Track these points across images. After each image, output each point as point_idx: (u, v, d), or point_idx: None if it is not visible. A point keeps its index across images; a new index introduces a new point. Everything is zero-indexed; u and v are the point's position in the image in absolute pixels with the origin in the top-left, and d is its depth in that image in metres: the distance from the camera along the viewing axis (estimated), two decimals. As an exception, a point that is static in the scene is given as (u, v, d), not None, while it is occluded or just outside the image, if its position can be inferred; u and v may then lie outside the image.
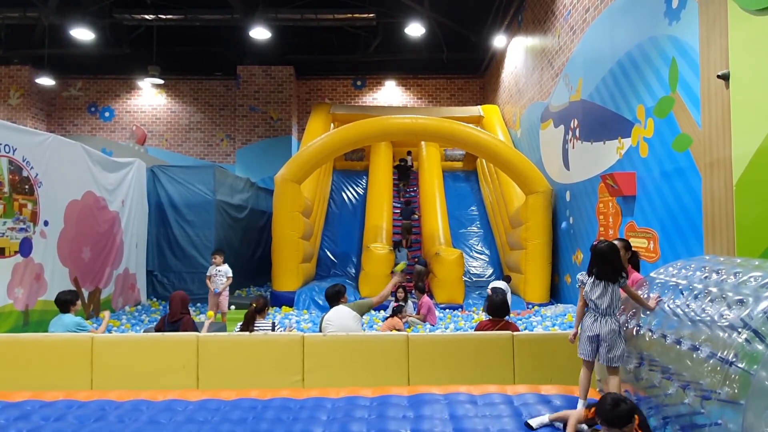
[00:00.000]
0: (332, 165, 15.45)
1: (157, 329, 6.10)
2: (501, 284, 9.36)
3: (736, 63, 4.72)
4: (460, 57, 17.15)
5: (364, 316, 6.74)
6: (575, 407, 3.66)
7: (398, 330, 7.09)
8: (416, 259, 12.51)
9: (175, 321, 5.94)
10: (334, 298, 5.59)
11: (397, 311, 7.94)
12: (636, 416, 2.97)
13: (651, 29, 6.44)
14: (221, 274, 8.37)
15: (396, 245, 11.88)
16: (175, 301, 6.09)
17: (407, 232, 14.11)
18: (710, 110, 5.13)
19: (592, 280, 3.68)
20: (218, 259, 8.45)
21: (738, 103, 4.69)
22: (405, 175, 15.90)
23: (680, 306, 3.26)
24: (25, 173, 7.05)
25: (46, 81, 16.67)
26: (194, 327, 5.91)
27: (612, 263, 3.68)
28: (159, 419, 3.64)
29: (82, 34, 13.74)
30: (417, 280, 11.96)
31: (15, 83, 17.05)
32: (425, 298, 8.69)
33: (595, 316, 3.65)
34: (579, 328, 3.78)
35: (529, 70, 12.52)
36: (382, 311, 8.85)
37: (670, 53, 5.97)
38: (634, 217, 6.86)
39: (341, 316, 5.28)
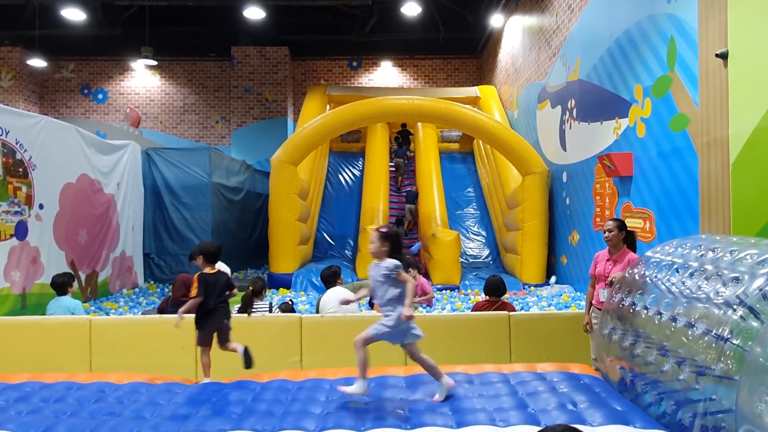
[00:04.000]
0: (328, 146, 15.36)
1: (160, 310, 6.11)
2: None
3: (734, 42, 4.68)
4: (457, 37, 16.98)
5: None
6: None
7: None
8: (413, 188, 12.86)
9: (178, 304, 5.94)
10: (330, 279, 5.61)
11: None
12: None
13: (649, 7, 6.37)
14: None
15: (397, 223, 11.96)
16: (177, 284, 6.07)
17: (400, 168, 14.45)
18: (708, 89, 5.10)
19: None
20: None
21: (736, 82, 4.66)
22: (406, 140, 15.67)
23: (676, 284, 3.28)
24: (18, 156, 6.99)
25: (37, 62, 16.44)
26: None
27: None
28: (158, 400, 3.65)
29: (73, 14, 13.53)
30: (410, 217, 12.25)
31: (6, 65, 16.81)
32: (422, 279, 8.71)
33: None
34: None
35: (526, 49, 12.41)
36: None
37: (669, 32, 5.92)
38: (631, 197, 6.86)
39: (338, 297, 5.30)
